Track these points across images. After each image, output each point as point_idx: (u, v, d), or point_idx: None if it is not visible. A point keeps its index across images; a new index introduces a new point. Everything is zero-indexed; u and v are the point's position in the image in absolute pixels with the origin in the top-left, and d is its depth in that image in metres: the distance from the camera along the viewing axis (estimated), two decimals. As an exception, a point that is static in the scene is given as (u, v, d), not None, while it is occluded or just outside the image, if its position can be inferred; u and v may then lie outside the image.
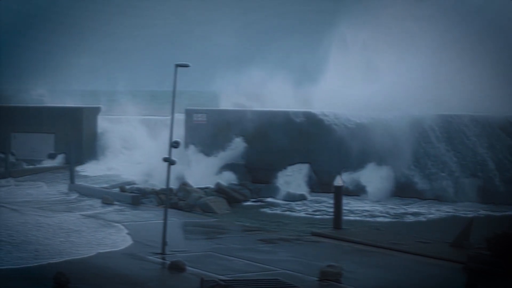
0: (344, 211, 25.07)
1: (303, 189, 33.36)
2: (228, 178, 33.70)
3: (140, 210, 26.39)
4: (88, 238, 20.79)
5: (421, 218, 28.39)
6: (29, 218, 23.92)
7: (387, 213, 29.28)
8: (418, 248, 19.39)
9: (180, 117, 35.97)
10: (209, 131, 36.79)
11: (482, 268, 15.99)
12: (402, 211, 29.70)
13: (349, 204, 29.17)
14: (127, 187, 31.38)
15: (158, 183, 31.08)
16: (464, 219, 26.13)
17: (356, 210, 29.36)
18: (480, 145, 31.52)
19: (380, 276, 16.69)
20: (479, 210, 29.61)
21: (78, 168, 36.77)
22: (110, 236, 21.07)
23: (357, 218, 27.98)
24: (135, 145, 40.54)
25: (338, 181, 23.36)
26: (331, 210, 23.92)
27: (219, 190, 31.62)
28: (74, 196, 29.82)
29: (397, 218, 28.31)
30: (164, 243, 18.46)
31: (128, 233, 21.39)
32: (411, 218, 28.40)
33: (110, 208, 26.61)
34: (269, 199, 32.35)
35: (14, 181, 34.93)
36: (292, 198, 32.32)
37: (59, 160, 40.53)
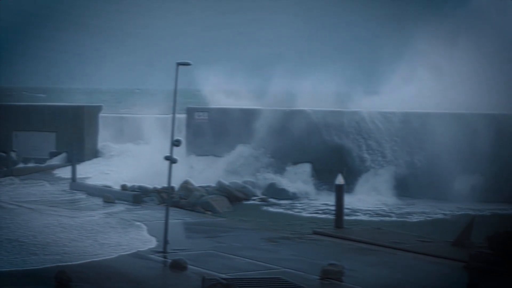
0: (347, 210, 25.08)
1: (306, 188, 33.41)
2: (230, 177, 33.70)
3: (151, 210, 26.20)
4: (117, 239, 20.40)
5: (425, 217, 28.39)
6: (50, 218, 23.66)
7: (391, 212, 29.30)
8: (420, 247, 19.39)
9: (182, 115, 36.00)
10: (211, 129, 36.75)
11: (484, 267, 15.98)
12: (406, 210, 29.71)
13: (352, 203, 29.18)
14: (129, 185, 31.36)
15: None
16: (466, 217, 26.11)
17: (360, 209, 29.36)
18: (484, 142, 31.47)
19: (381, 274, 16.68)
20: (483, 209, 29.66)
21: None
22: (138, 236, 20.78)
23: (361, 217, 28.00)
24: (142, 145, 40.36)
25: (339, 180, 23.32)
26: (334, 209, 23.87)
27: (221, 189, 31.58)
28: (80, 195, 29.66)
29: (400, 218, 28.31)
30: (166, 242, 18.47)
31: (151, 234, 20.97)
32: (414, 217, 28.41)
33: (121, 207, 26.33)
34: (271, 198, 32.33)
35: (17, 180, 34.92)
36: (295, 196, 32.34)
37: (60, 158, 40.49)
